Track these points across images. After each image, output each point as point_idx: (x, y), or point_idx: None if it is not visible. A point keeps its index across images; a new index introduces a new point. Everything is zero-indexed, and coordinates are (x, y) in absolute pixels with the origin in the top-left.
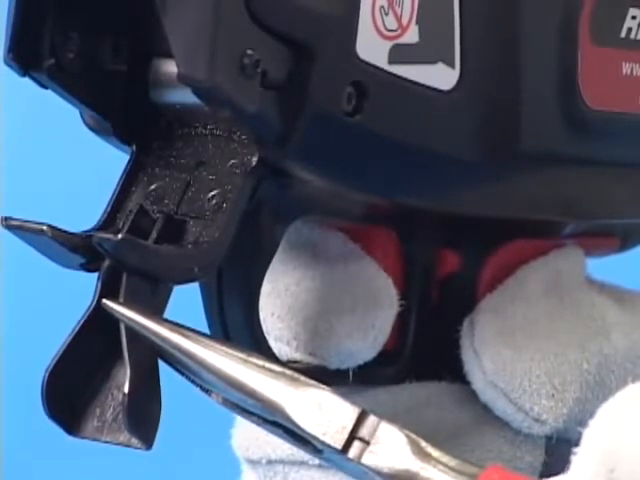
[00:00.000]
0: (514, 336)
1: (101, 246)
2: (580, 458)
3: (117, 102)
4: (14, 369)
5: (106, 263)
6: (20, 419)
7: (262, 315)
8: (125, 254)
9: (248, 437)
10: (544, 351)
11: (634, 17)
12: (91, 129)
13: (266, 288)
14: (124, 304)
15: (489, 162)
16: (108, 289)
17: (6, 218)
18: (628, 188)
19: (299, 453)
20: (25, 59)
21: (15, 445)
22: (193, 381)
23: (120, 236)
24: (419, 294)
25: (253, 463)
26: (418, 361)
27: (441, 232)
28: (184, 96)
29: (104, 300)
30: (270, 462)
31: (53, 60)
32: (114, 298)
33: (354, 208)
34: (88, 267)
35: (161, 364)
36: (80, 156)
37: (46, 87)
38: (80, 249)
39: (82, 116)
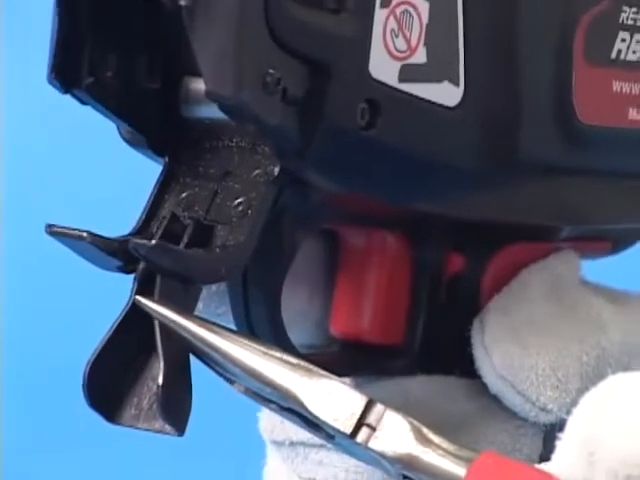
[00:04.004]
0: (520, 334)
1: (136, 251)
2: (564, 443)
3: (151, 117)
4: (14, 369)
5: (141, 266)
6: (20, 419)
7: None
8: (158, 258)
9: (273, 421)
10: (548, 347)
11: (624, 40)
12: (127, 142)
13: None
14: (158, 302)
15: (491, 172)
16: (143, 289)
17: (50, 225)
18: (619, 195)
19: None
20: (66, 78)
21: (15, 445)
22: (218, 372)
23: (154, 242)
24: (427, 293)
25: (277, 444)
26: (427, 355)
27: (447, 236)
28: (212, 111)
29: (138, 297)
30: (292, 444)
31: (92, 79)
32: (149, 297)
33: (367, 214)
34: (125, 269)
35: (192, 358)
36: (80, 157)
37: (86, 103)
38: (117, 253)
39: (119, 130)
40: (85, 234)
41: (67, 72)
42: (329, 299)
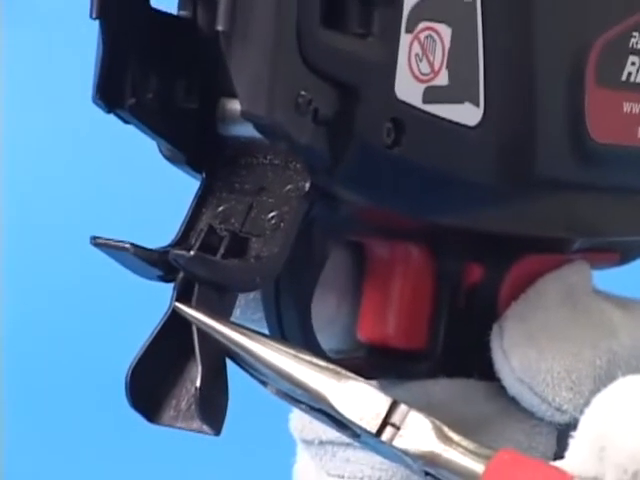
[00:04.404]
0: (537, 339)
1: (176, 261)
2: (576, 441)
3: (190, 136)
4: (14, 369)
5: (180, 275)
6: (20, 419)
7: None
8: (196, 268)
9: (303, 421)
10: (563, 351)
11: (633, 63)
12: (167, 159)
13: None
14: (195, 308)
15: (508, 187)
16: (182, 297)
17: (94, 237)
18: (629, 210)
19: (345, 435)
20: (110, 99)
21: (15, 445)
22: (252, 374)
23: (192, 253)
24: (448, 301)
25: (307, 443)
26: (449, 359)
27: (467, 248)
28: (247, 130)
29: (177, 304)
30: (321, 442)
31: (134, 100)
32: (187, 304)
33: (392, 226)
34: (165, 279)
35: (228, 361)
36: (80, 156)
37: (128, 122)
38: (158, 263)
39: (159, 147)
40: (128, 245)
41: (110, 93)
42: (356, 306)
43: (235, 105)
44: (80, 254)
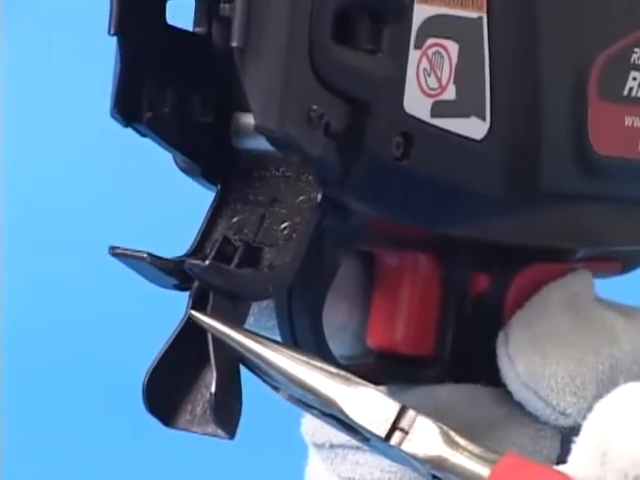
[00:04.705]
0: (542, 345)
1: (191, 270)
2: (579, 446)
3: (205, 148)
4: (14, 369)
5: (195, 284)
6: (20, 419)
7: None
8: (211, 277)
9: (314, 425)
10: (566, 357)
11: (634, 78)
12: (183, 171)
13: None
14: (210, 316)
15: (514, 199)
16: (197, 305)
17: (113, 247)
18: (631, 220)
19: (355, 439)
20: (128, 113)
21: (15, 445)
22: (265, 380)
23: (207, 262)
24: (455, 309)
25: (318, 446)
26: (456, 365)
27: (474, 257)
28: (260, 143)
29: (193, 312)
30: (332, 446)
31: (151, 114)
32: (202, 312)
33: (401, 237)
34: (180, 287)
35: (241, 368)
36: (80, 155)
37: (145, 136)
38: (174, 272)
39: (175, 160)
40: (145, 255)
41: (128, 108)
42: (366, 314)
43: (249, 119)
44: (80, 254)
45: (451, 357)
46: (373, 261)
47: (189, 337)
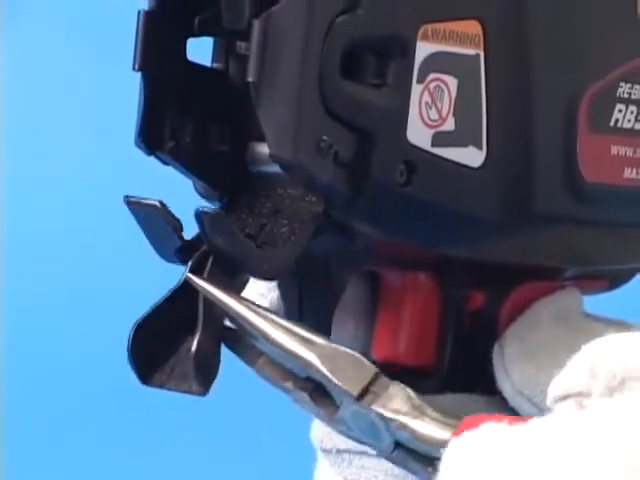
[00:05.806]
0: (535, 355)
1: (200, 217)
2: (569, 364)
3: (222, 175)
4: (14, 369)
5: (196, 254)
6: (20, 420)
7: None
8: (218, 229)
9: (322, 431)
10: (559, 365)
11: (620, 110)
12: (201, 195)
13: None
14: (205, 280)
15: (509, 222)
16: (195, 273)
17: (127, 196)
18: (618, 241)
19: (361, 445)
20: (151, 142)
21: (15, 445)
22: (243, 356)
23: (218, 210)
24: (453, 324)
25: (326, 452)
26: (454, 376)
27: (470, 276)
28: (274, 169)
29: (188, 274)
30: (339, 451)
31: (173, 143)
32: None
33: (403, 257)
34: (181, 256)
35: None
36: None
37: (167, 164)
38: (179, 233)
39: (194, 185)
40: (157, 203)
41: (151, 137)
42: (371, 329)
43: (264, 148)
44: (80, 255)
45: (450, 368)
46: (378, 280)
47: (180, 301)
